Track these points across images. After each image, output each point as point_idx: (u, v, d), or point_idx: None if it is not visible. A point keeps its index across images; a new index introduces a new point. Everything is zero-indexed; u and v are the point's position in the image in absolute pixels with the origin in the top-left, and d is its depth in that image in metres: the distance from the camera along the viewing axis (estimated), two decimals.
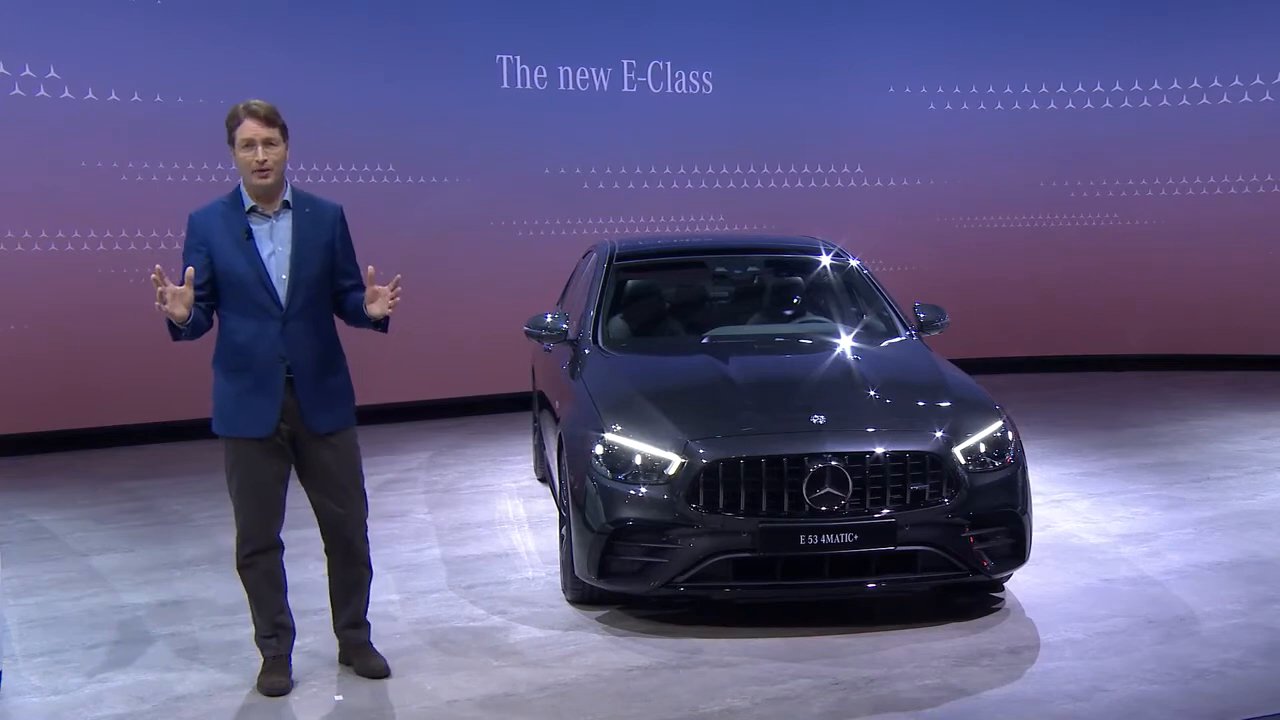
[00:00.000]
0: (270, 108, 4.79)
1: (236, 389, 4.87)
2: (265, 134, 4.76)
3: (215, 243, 4.80)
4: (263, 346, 4.82)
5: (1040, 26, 13.18)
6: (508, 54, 11.56)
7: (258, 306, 4.81)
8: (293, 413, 4.87)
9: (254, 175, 4.77)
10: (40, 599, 6.23)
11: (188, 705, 4.90)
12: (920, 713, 4.74)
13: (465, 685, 5.06)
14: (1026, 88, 13.40)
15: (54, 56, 9.69)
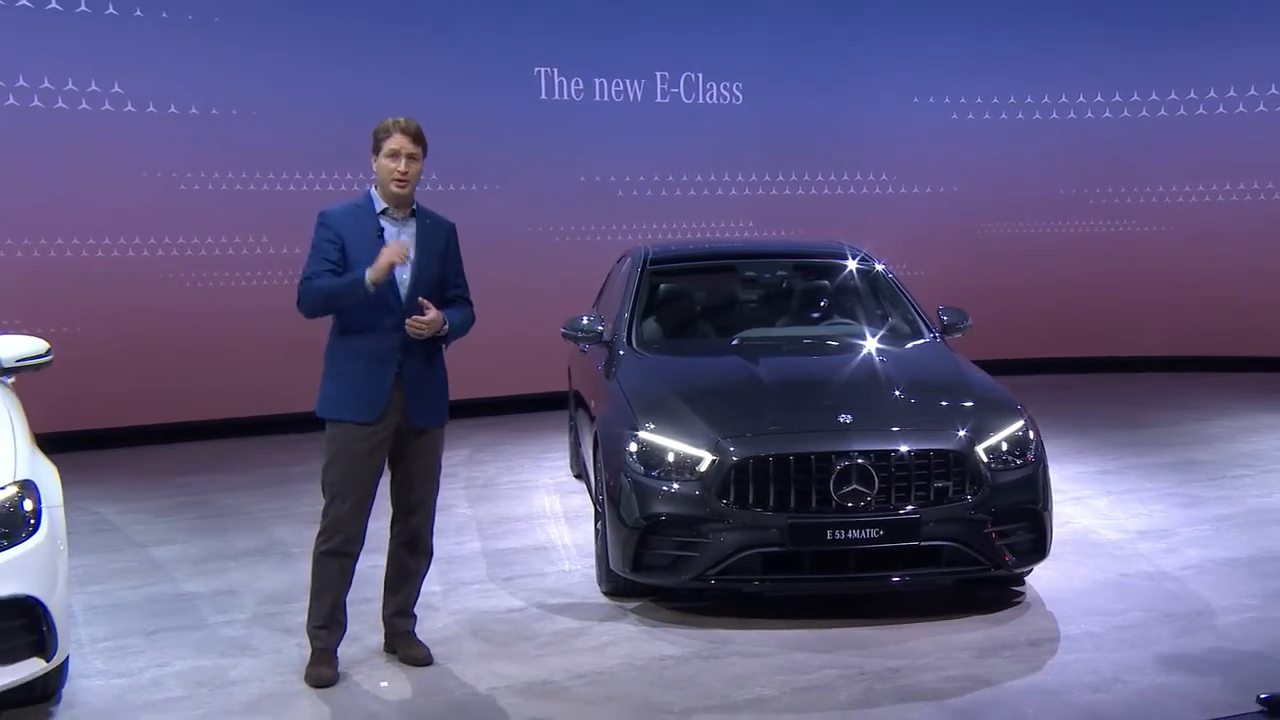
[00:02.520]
0: (418, 127, 4.97)
1: (350, 376, 4.94)
2: (410, 149, 4.91)
3: (348, 238, 4.91)
4: (379, 339, 4.91)
5: (1059, 39, 13.10)
6: (546, 66, 11.58)
7: (379, 301, 4.88)
8: (398, 406, 4.93)
9: (393, 183, 4.91)
10: (103, 587, 6.27)
11: (241, 690, 4.92)
12: (943, 702, 4.71)
13: (505, 673, 5.07)
14: (1046, 98, 13.32)
15: (117, 72, 9.77)
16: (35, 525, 4.47)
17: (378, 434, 4.95)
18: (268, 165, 10.44)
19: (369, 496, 5.03)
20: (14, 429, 4.83)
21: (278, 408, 10.15)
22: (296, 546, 6.80)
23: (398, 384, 4.94)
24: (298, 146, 10.41)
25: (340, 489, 4.97)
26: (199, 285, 10.24)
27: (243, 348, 10.24)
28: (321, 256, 4.92)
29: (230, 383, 10.30)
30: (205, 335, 10.22)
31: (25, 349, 5.50)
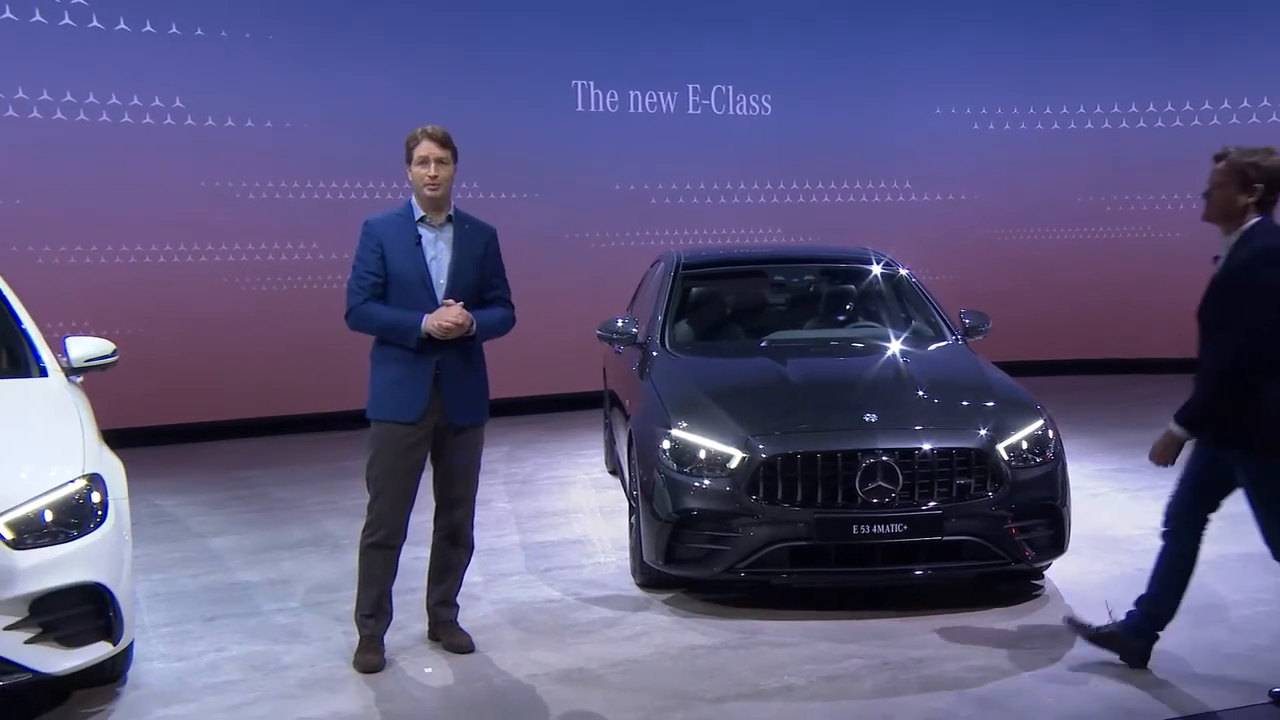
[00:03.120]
0: (445, 132, 4.97)
1: (392, 378, 4.96)
2: (439, 154, 4.92)
3: (388, 245, 4.93)
4: (418, 341, 4.90)
5: (1077, 53, 13.01)
6: (582, 80, 11.60)
7: (419, 304, 4.91)
8: (438, 406, 4.94)
9: (425, 188, 4.93)
10: (164, 576, 6.33)
11: (294, 674, 4.96)
12: (965, 691, 4.69)
13: (542, 660, 5.08)
14: (1065, 109, 13.23)
15: (178, 88, 9.85)
16: (102, 516, 4.51)
17: (417, 433, 4.97)
18: (318, 175, 10.50)
19: (410, 492, 5.05)
20: (82, 425, 4.88)
21: (327, 405, 10.20)
22: (345, 538, 6.82)
23: (436, 384, 4.95)
24: (345, 157, 10.46)
25: (383, 485, 5.00)
26: (253, 289, 10.33)
27: (294, 348, 10.30)
28: (365, 269, 4.95)
29: (282, 381, 10.37)
30: (259, 337, 10.29)
31: (93, 350, 5.54)
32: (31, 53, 9.30)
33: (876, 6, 12.57)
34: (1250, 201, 4.60)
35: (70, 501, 4.44)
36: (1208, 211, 4.78)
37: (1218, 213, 4.70)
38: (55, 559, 4.30)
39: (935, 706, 4.56)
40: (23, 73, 9.28)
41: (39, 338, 5.48)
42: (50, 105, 9.41)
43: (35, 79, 9.33)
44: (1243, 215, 4.61)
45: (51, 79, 9.38)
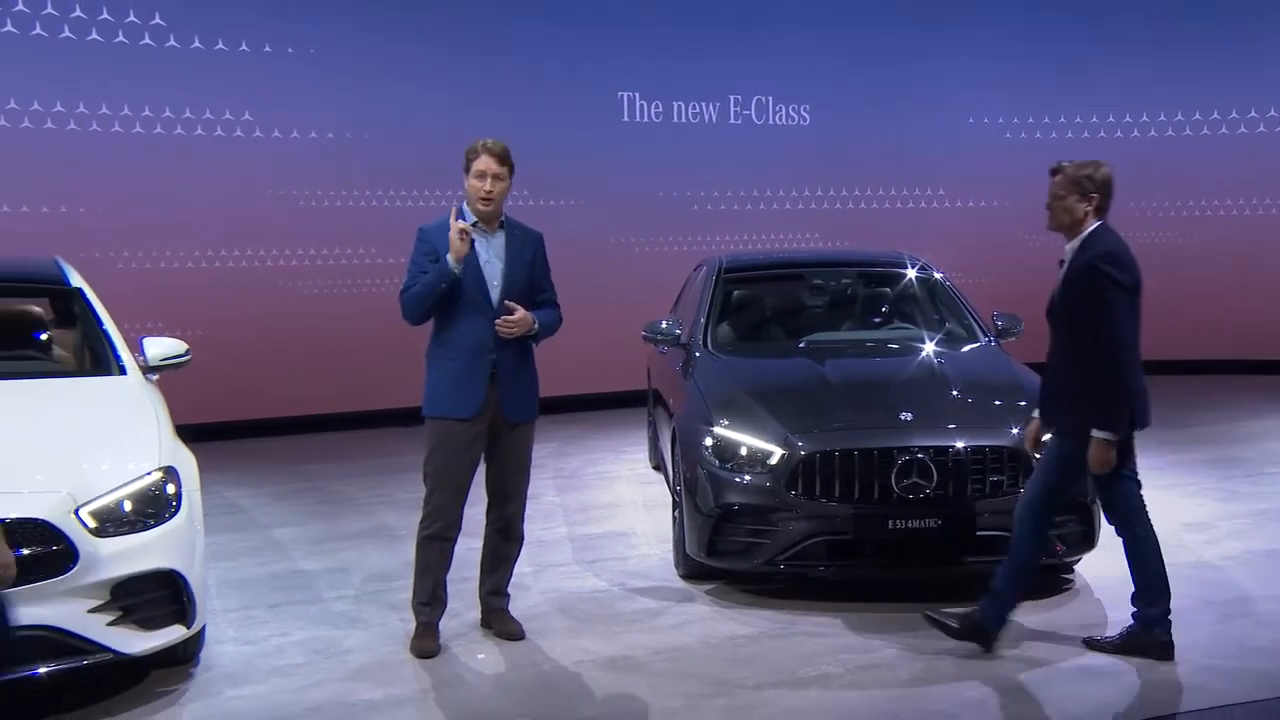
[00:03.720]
0: (504, 148, 4.97)
1: (449, 376, 4.98)
2: (496, 170, 4.93)
3: (443, 251, 4.93)
4: (475, 340, 4.94)
5: (1106, 64, 12.86)
6: (628, 91, 11.61)
7: (473, 306, 4.94)
8: (493, 403, 4.96)
9: (479, 201, 4.95)
10: (232, 564, 6.39)
11: (353, 658, 5.00)
12: (997, 682, 4.67)
13: (590, 648, 5.10)
14: (1095, 117, 13.10)
15: (247, 102, 9.95)
16: (176, 507, 4.57)
17: (474, 429, 4.99)
18: (376, 183, 10.58)
19: (466, 486, 5.07)
20: (158, 421, 4.94)
21: (384, 403, 10.26)
22: (401, 529, 6.86)
23: (492, 382, 4.97)
24: (403, 166, 10.53)
25: (440, 479, 5.02)
26: (315, 292, 10.41)
27: (352, 348, 10.38)
28: (420, 271, 4.97)
29: (342, 380, 10.45)
30: (320, 337, 10.37)
31: (167, 349, 5.62)
32: (114, 71, 9.45)
33: (911, 21, 12.48)
34: (1088, 209, 4.96)
35: (147, 493, 4.51)
36: (1051, 221, 5.08)
37: (1060, 222, 5.02)
38: (134, 546, 4.37)
39: (968, 696, 4.55)
40: (107, 90, 9.42)
41: (118, 338, 5.57)
42: (130, 120, 9.55)
43: (116, 96, 9.48)
44: (1083, 222, 4.95)
45: (131, 95, 9.53)
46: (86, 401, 5.15)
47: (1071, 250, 4.96)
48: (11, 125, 9.11)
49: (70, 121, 9.33)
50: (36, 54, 9.14)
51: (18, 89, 9.10)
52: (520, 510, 5.24)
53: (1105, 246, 4.85)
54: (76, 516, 4.26)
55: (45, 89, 9.20)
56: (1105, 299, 4.73)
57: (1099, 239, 4.91)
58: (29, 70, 9.12)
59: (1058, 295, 4.96)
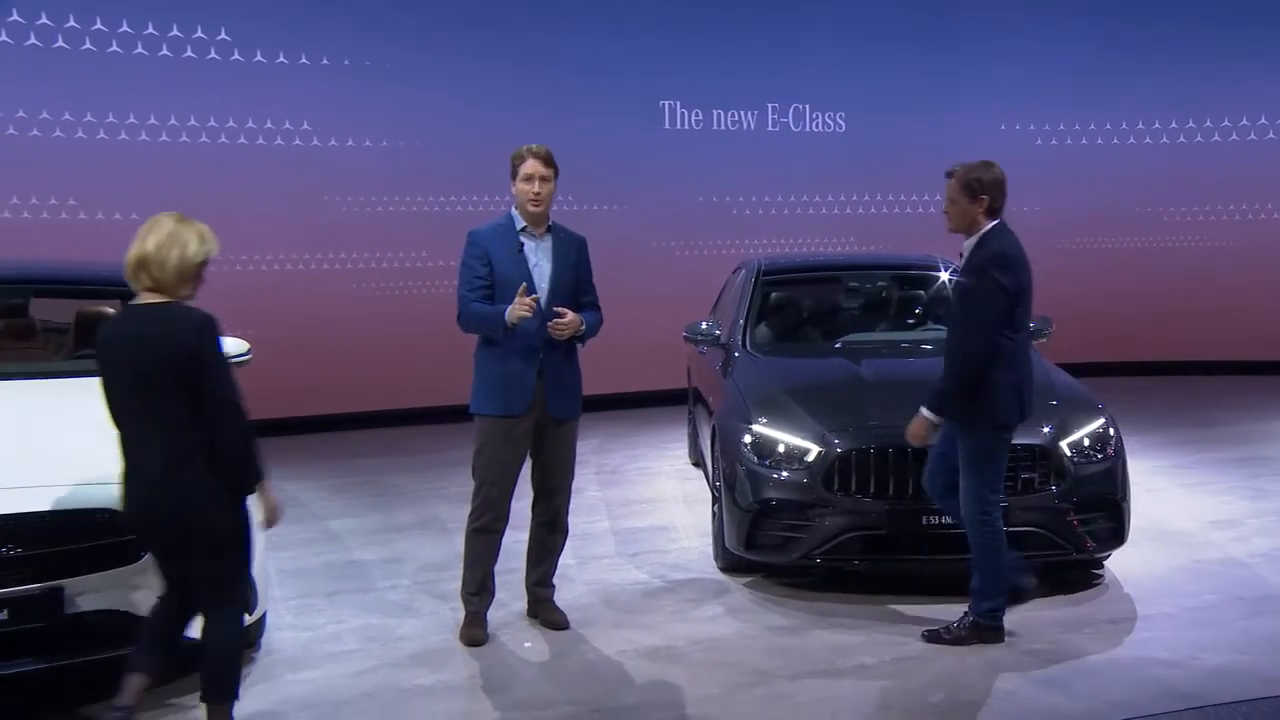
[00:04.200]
0: (548, 151, 4.99)
1: (497, 375, 4.99)
2: (542, 172, 4.95)
3: (494, 254, 4.97)
4: (523, 341, 4.94)
5: (1134, 71, 12.75)
6: (669, 100, 11.61)
7: None
8: (539, 400, 4.97)
9: (528, 203, 4.96)
10: (291, 553, 6.43)
11: (406, 645, 5.04)
12: (1029, 673, 4.64)
13: (632, 638, 5.11)
14: (1124, 124, 12.97)
15: (306, 113, 10.05)
16: None
17: (521, 425, 5.00)
18: (428, 189, 10.64)
19: (513, 481, 5.09)
20: None
21: (435, 399, 10.30)
22: (451, 522, 6.89)
23: (539, 380, 4.98)
24: (451, 172, 10.59)
25: (488, 474, 5.04)
26: (368, 292, 10.48)
27: (404, 347, 10.44)
28: (472, 274, 4.99)
29: (394, 377, 10.52)
30: (373, 335, 10.44)
31: (230, 349, 5.63)
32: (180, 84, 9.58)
33: (944, 30, 12.41)
34: (981, 210, 5.01)
35: None
36: (949, 224, 5.12)
37: (957, 224, 5.06)
38: None
39: (1001, 687, 4.51)
40: (173, 103, 9.56)
41: None
42: (196, 130, 9.66)
43: (181, 108, 9.61)
44: (977, 222, 5.00)
45: (195, 107, 9.65)
46: None
47: (969, 248, 5.02)
48: (88, 137, 9.25)
49: (141, 133, 9.46)
50: (111, 70, 9.27)
51: (92, 102, 9.23)
52: (565, 504, 5.25)
53: (997, 248, 4.92)
54: None
55: (118, 102, 9.33)
56: (983, 299, 4.83)
57: (993, 239, 4.97)
58: (104, 85, 9.25)
59: (954, 293, 5.05)
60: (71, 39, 9.14)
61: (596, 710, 4.37)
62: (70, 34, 9.14)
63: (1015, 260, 4.92)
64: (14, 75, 8.95)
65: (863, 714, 4.32)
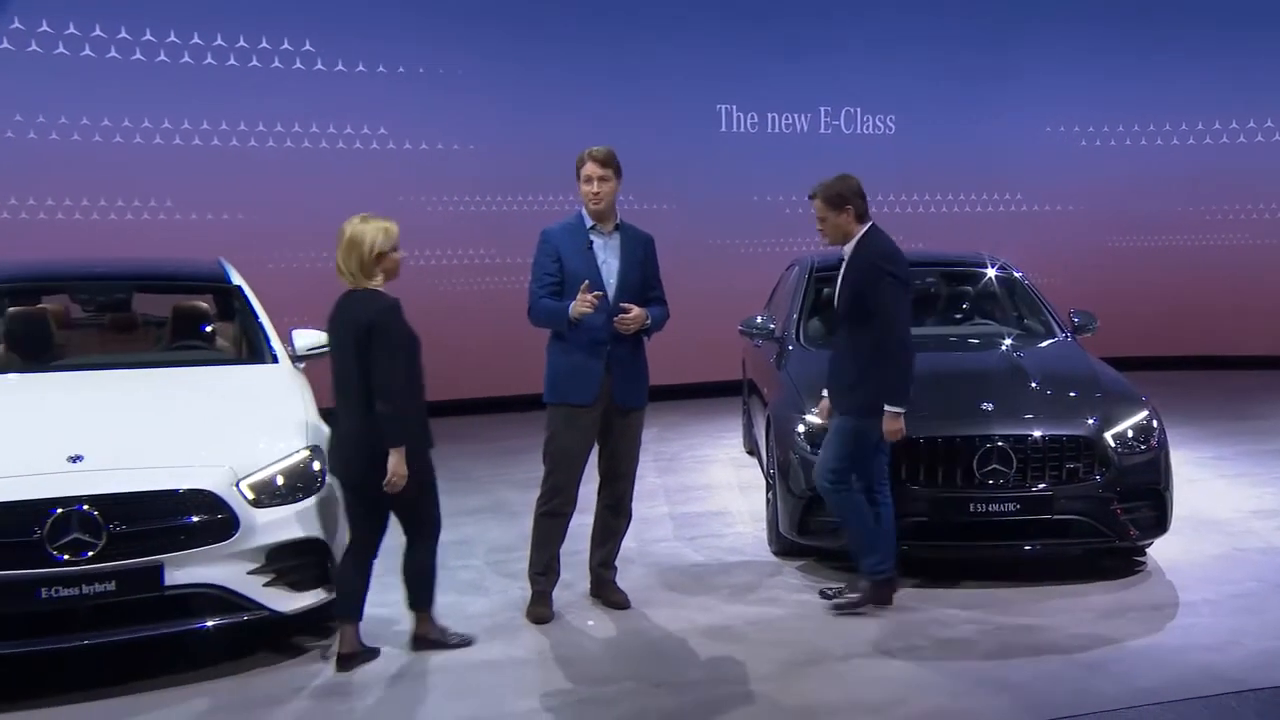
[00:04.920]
0: (607, 152, 5.03)
1: (569, 366, 5.02)
2: (600, 173, 4.98)
3: (564, 251, 5.01)
4: (593, 333, 4.97)
5: (1176, 75, 12.51)
6: (726, 104, 11.59)
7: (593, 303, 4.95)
8: (608, 390, 5.00)
9: (590, 202, 5.00)
10: None
11: (477, 622, 5.07)
12: (1072, 657, 4.59)
13: (690, 617, 5.11)
14: (1168, 125, 12.74)
15: (381, 118, 10.17)
16: (322, 482, 4.69)
17: (591, 414, 5.03)
18: (496, 189, 10.72)
19: (582, 467, 5.11)
20: (305, 405, 5.08)
21: (500, 390, 10.39)
22: (518, 506, 6.90)
23: (607, 372, 5.00)
24: (518, 173, 10.64)
25: (558, 460, 5.07)
26: (441, 288, 10.56)
27: (472, 340, 10.52)
28: (543, 271, 5.02)
29: (463, 369, 10.59)
30: (444, 329, 10.44)
31: (313, 340, 5.75)
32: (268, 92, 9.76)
33: (991, 35, 12.25)
34: (850, 218, 5.15)
35: (297, 469, 4.63)
36: (825, 239, 5.26)
37: (834, 236, 5.20)
38: (285, 517, 4.50)
39: (1045, 670, 4.47)
40: (263, 110, 9.74)
41: (272, 330, 5.73)
42: (282, 135, 9.84)
43: (270, 115, 9.80)
44: (850, 230, 5.15)
45: (283, 114, 9.83)
46: (244, 387, 5.31)
47: (849, 252, 5.16)
48: (184, 144, 9.48)
49: (233, 139, 9.66)
50: (210, 82, 9.50)
51: (194, 112, 9.48)
52: (630, 489, 5.27)
53: (882, 246, 5.10)
54: (238, 489, 4.41)
55: (216, 111, 9.57)
56: (886, 292, 4.96)
57: (873, 240, 5.14)
58: (207, 96, 9.50)
59: (841, 292, 5.15)
60: (172, 53, 9.38)
61: (657, 686, 4.39)
62: (171, 49, 9.38)
63: (900, 255, 5.11)
64: (119, 86, 9.18)
65: (913, 692, 4.30)
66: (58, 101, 8.96)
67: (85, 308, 6.40)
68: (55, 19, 8.90)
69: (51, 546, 4.08)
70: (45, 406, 4.87)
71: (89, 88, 9.07)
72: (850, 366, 5.07)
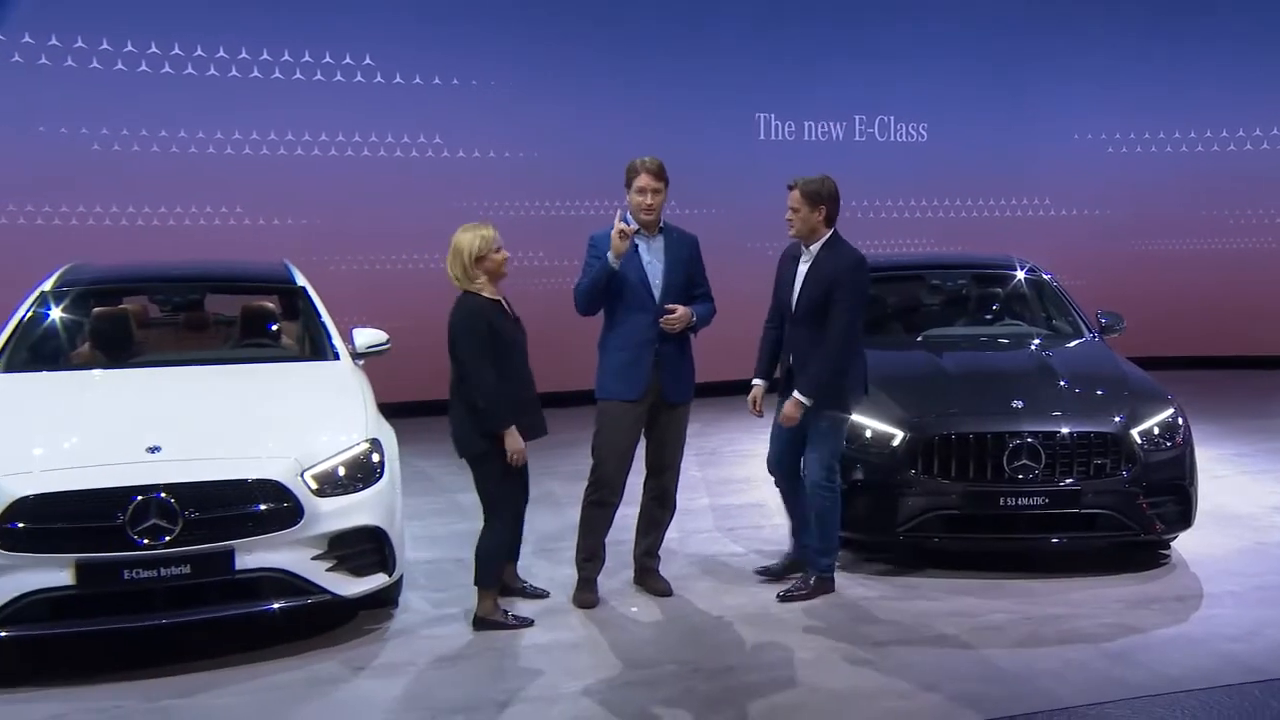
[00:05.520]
0: (660, 164, 5.03)
1: (618, 363, 5.04)
2: (654, 185, 4.99)
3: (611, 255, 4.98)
4: (641, 332, 4.99)
5: (1199, 84, 12.31)
6: (764, 113, 11.54)
7: (639, 302, 5.00)
8: (655, 387, 5.01)
9: (641, 213, 5.00)
10: (423, 524, 6.54)
11: (524, 606, 5.08)
12: (1099, 645, 4.54)
13: (730, 604, 5.11)
14: (1193, 133, 12.53)
15: (438, 128, 10.23)
16: (380, 473, 4.73)
17: (638, 409, 5.03)
18: (549, 195, 10.75)
19: (629, 459, 5.12)
20: (365, 399, 5.12)
21: (549, 386, 10.39)
22: (564, 497, 6.90)
23: (656, 368, 5.00)
24: (567, 180, 10.67)
25: (607, 453, 5.08)
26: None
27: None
28: (590, 270, 5.04)
29: None
30: None
31: (372, 339, 5.83)
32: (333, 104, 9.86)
33: (1020, 46, 12.10)
34: (820, 218, 5.16)
35: (357, 460, 4.67)
36: (792, 230, 5.24)
37: (800, 231, 5.20)
38: (346, 506, 4.54)
39: (1072, 657, 4.43)
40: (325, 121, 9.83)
41: (334, 329, 5.79)
42: (344, 144, 9.94)
43: (332, 125, 9.89)
44: (816, 230, 5.17)
45: (344, 125, 9.92)
46: (308, 382, 5.37)
47: (812, 254, 5.18)
48: (253, 154, 9.61)
49: (298, 148, 9.78)
50: (276, 96, 9.62)
51: (261, 124, 9.61)
52: (675, 481, 5.26)
53: (853, 255, 5.15)
54: (302, 479, 4.45)
55: (283, 123, 9.69)
56: (854, 298, 5.06)
57: (842, 245, 5.19)
58: (274, 109, 9.63)
59: (806, 292, 5.16)
60: (243, 69, 9.52)
61: (697, 670, 4.39)
62: (242, 64, 9.52)
63: (867, 266, 5.17)
64: (194, 101, 9.36)
65: (944, 678, 4.27)
66: (139, 116, 9.17)
67: (162, 308, 6.50)
68: (139, 39, 9.08)
69: (133, 531, 4.16)
70: (126, 400, 4.97)
71: (166, 103, 9.25)
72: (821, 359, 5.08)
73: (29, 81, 8.77)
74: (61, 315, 5.61)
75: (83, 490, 4.18)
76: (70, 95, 8.93)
